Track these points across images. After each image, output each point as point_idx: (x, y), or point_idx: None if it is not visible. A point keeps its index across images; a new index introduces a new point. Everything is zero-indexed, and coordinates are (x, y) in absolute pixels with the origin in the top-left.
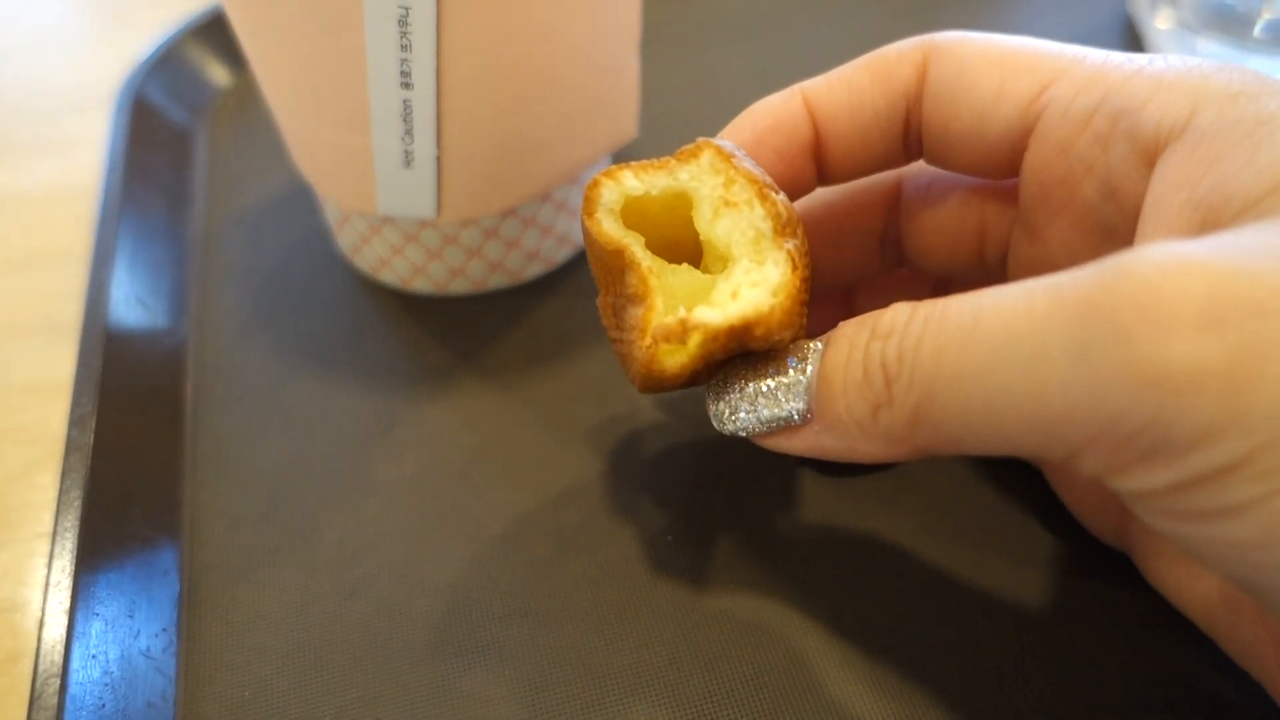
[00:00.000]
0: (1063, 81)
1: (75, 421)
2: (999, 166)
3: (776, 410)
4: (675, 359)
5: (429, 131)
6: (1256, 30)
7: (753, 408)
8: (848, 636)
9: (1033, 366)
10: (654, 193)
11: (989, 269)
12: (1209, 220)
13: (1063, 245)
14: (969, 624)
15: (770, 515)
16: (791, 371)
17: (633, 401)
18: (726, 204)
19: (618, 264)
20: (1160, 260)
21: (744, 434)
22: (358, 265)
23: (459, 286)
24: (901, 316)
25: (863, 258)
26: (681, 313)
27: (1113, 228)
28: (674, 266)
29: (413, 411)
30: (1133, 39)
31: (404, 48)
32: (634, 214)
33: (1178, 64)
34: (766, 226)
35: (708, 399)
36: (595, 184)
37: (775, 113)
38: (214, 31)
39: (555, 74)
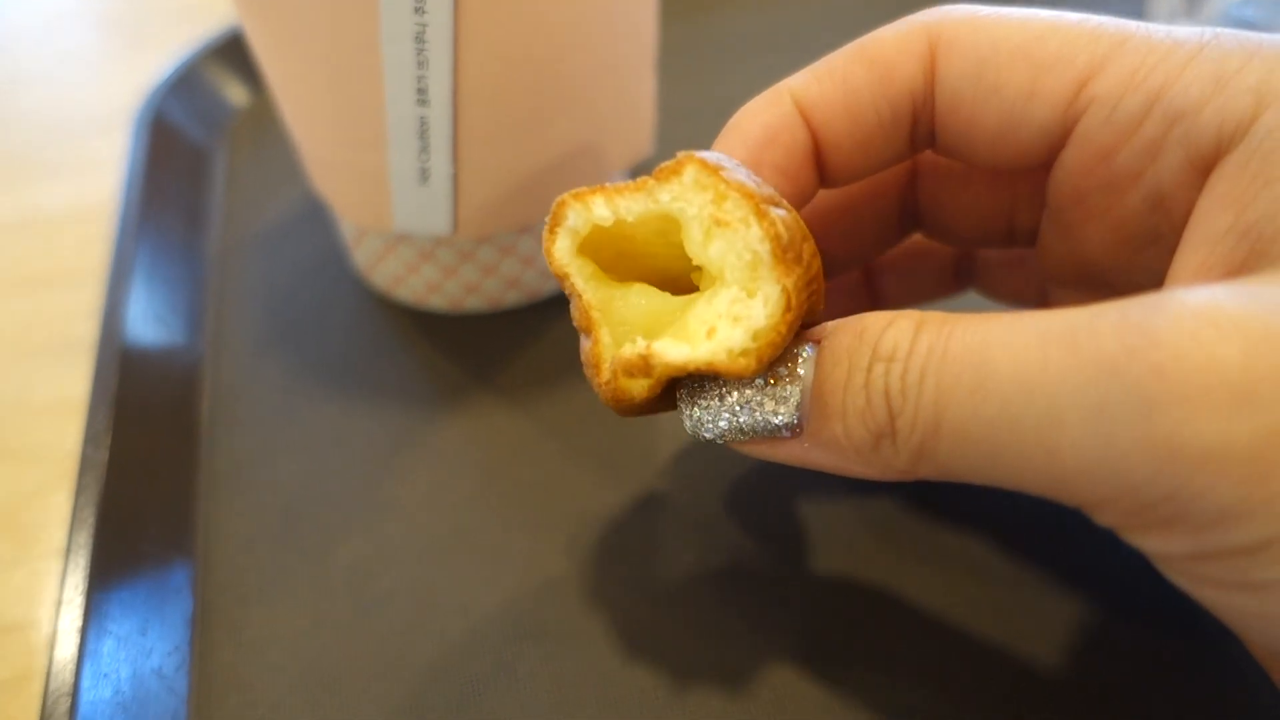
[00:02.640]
0: (1105, 75)
1: (90, 439)
2: (1029, 164)
3: (762, 421)
4: (641, 385)
5: (445, 148)
6: None
7: (734, 417)
8: (865, 657)
9: (1045, 423)
10: (629, 219)
11: (1018, 243)
12: (1255, 252)
13: (1099, 246)
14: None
15: (795, 535)
16: (780, 380)
17: (649, 421)
18: (718, 223)
19: (566, 290)
20: (1191, 326)
21: (721, 442)
22: (373, 283)
23: (475, 304)
24: (905, 339)
25: (878, 236)
26: (641, 344)
27: (1159, 235)
28: (624, 288)
29: (427, 431)
30: None
31: (420, 65)
32: (620, 241)
33: (1238, 47)
34: (765, 250)
35: (681, 402)
36: (561, 202)
37: (767, 123)
38: (232, 51)
39: (571, 90)
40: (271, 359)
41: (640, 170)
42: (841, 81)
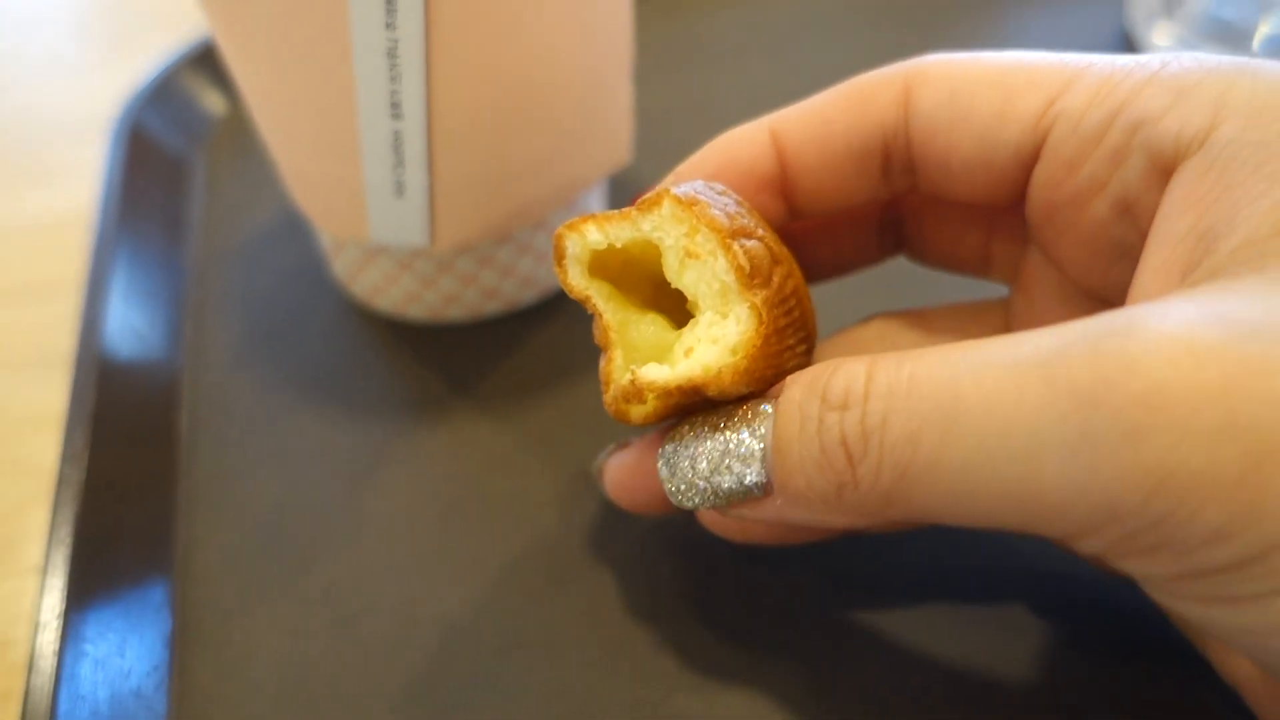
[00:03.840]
0: (1071, 92)
1: (67, 458)
2: (1009, 193)
3: (734, 481)
4: (639, 410)
5: (420, 161)
6: (1255, 45)
7: (708, 482)
8: (847, 661)
9: (1026, 459)
10: (618, 244)
11: (998, 271)
12: (1210, 252)
13: (1073, 263)
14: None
15: (777, 550)
16: (746, 438)
17: (630, 431)
18: (689, 254)
19: (589, 309)
20: (1168, 353)
21: (707, 507)
22: (353, 293)
23: (454, 314)
24: (857, 383)
25: (859, 249)
26: (627, 377)
27: (1128, 246)
28: (641, 315)
29: (407, 442)
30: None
31: (393, 79)
32: (615, 256)
33: (1196, 65)
34: (730, 279)
35: (661, 473)
36: (559, 235)
37: (733, 148)
38: (210, 60)
39: (546, 101)
40: (251, 370)
41: (619, 178)
42: (817, 115)
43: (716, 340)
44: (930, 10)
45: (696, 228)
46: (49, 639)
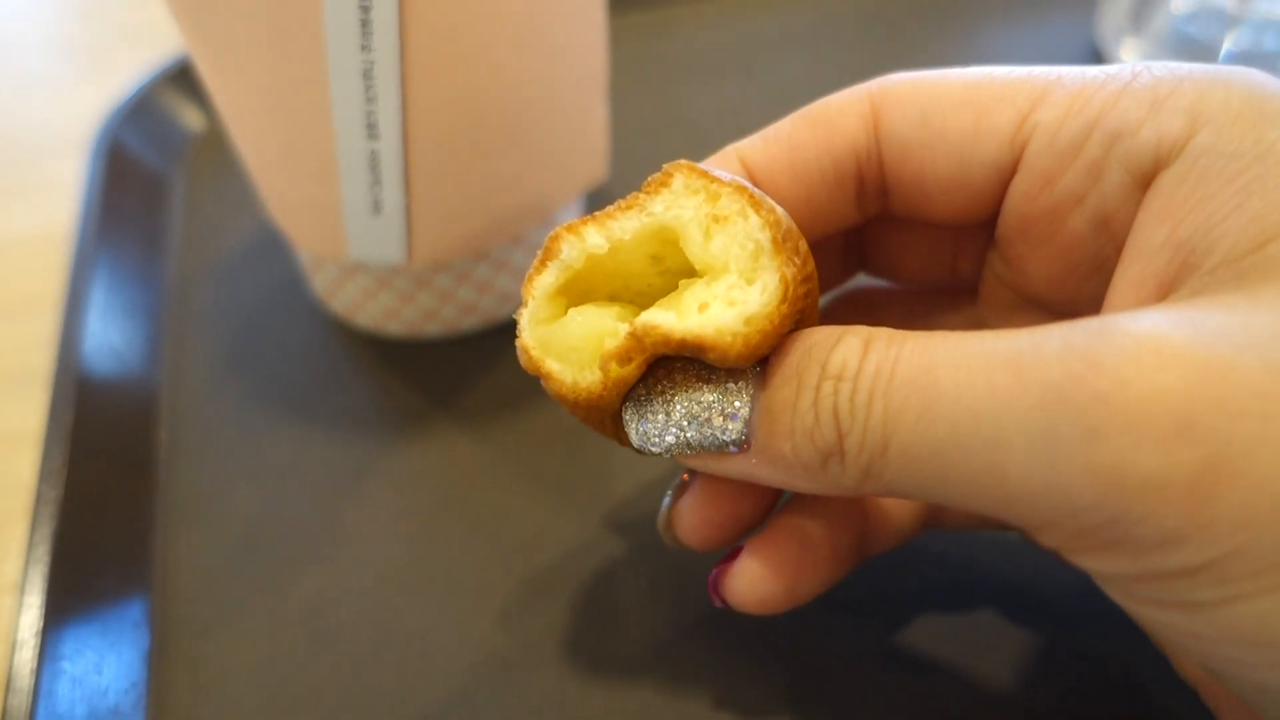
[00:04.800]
0: (1046, 105)
1: (45, 476)
2: (984, 209)
3: (710, 436)
4: (631, 370)
5: (397, 180)
6: (1220, 59)
7: (681, 432)
8: (833, 685)
9: (992, 448)
10: (626, 238)
11: (962, 282)
12: (1187, 265)
13: (1044, 279)
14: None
15: None
16: (729, 395)
17: (606, 445)
18: (716, 220)
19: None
20: (1134, 353)
21: (668, 455)
22: (332, 309)
23: (433, 330)
24: (854, 357)
25: (823, 273)
26: (625, 327)
27: (1103, 261)
28: (561, 320)
29: (385, 458)
30: None
31: (369, 100)
32: (602, 277)
33: (1169, 74)
34: (765, 237)
35: (626, 414)
36: (554, 237)
37: None
38: (188, 77)
39: (522, 120)
40: (230, 387)
41: (595, 195)
42: (786, 142)
43: (734, 303)
44: (901, 29)
45: (718, 192)
46: (26, 657)
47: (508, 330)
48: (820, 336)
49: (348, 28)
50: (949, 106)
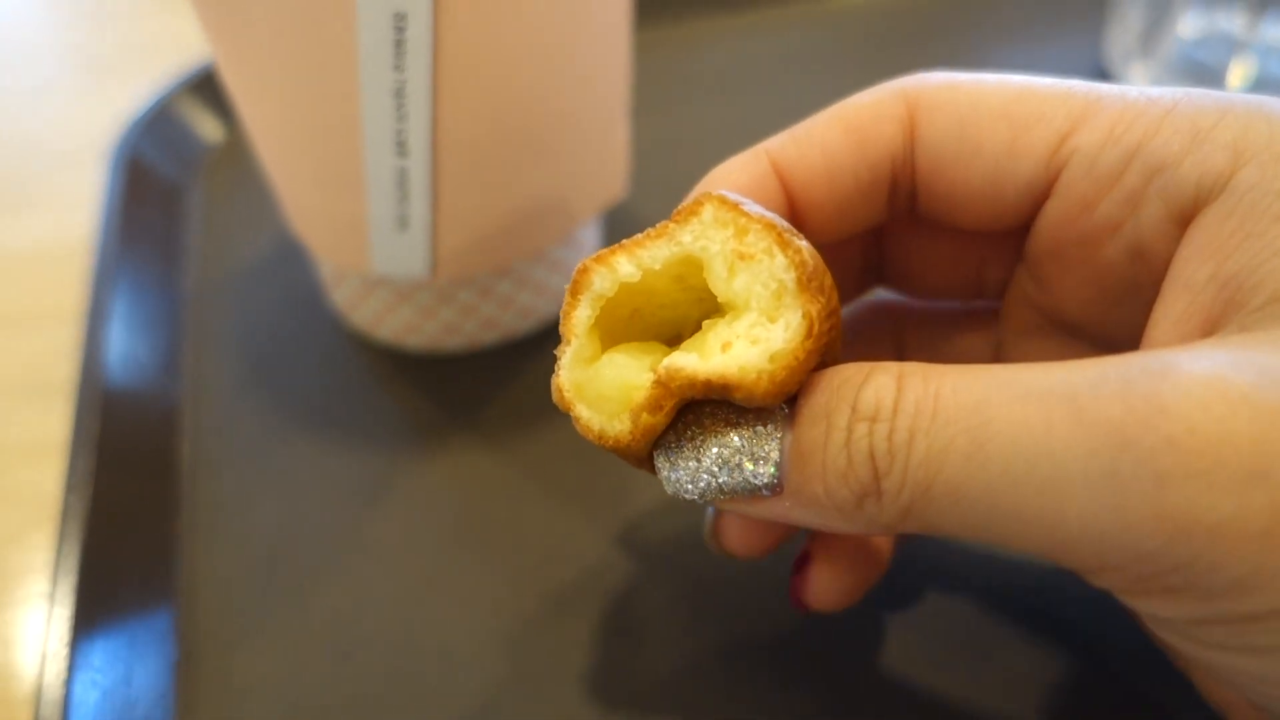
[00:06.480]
0: (1085, 130)
1: (71, 486)
2: (1014, 223)
3: (741, 480)
4: (645, 422)
5: (424, 197)
6: (1228, 84)
7: (713, 477)
8: (854, 702)
9: (1050, 491)
10: (656, 267)
11: (986, 295)
12: (1234, 303)
13: (1075, 299)
14: None
15: (774, 578)
16: (759, 438)
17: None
18: (741, 256)
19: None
20: (1201, 397)
21: (702, 501)
22: (352, 323)
23: (453, 344)
24: (888, 397)
25: (841, 287)
26: (648, 375)
27: (1137, 288)
28: (594, 365)
29: (406, 472)
30: None
31: (400, 118)
32: (636, 297)
33: (1212, 104)
34: (790, 278)
35: (657, 461)
36: (584, 270)
37: (742, 183)
38: (207, 87)
39: (548, 139)
40: (251, 399)
41: (614, 213)
42: (820, 146)
43: (757, 341)
44: (910, 43)
45: (746, 227)
46: (56, 669)
47: (528, 346)
48: (848, 374)
49: (382, 47)
50: (987, 119)
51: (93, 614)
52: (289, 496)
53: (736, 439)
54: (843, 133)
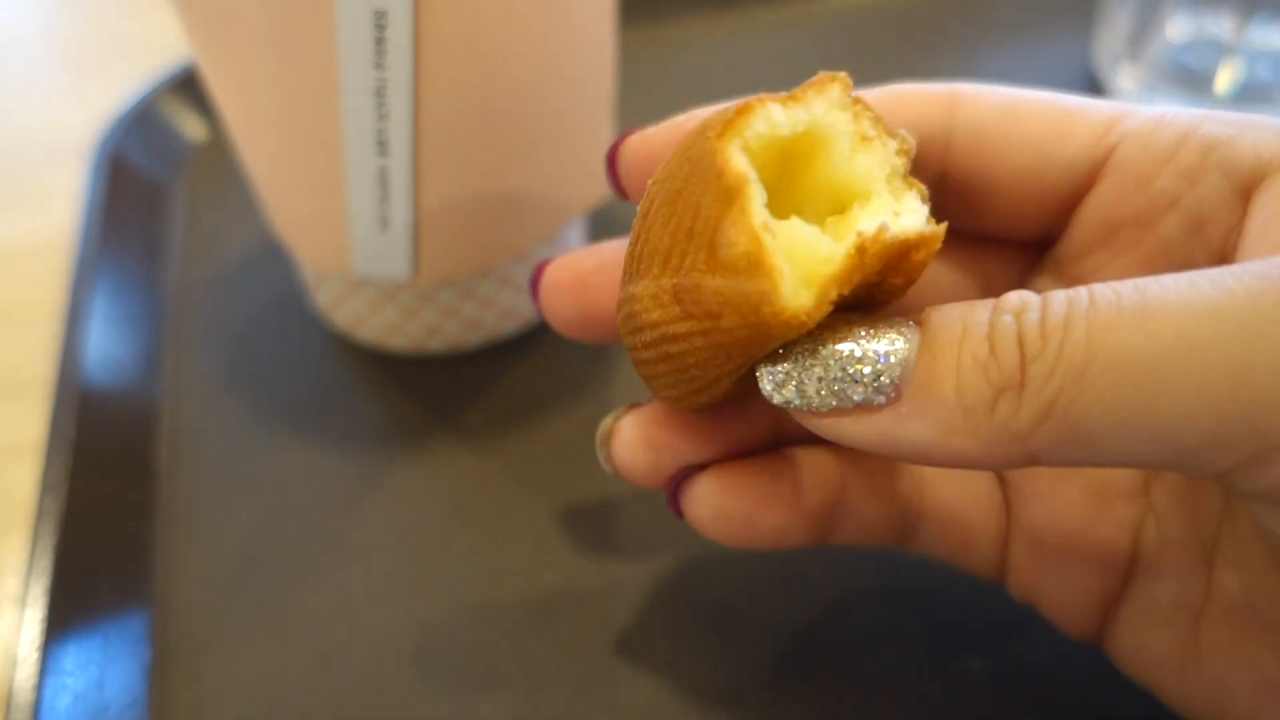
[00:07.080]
0: (1132, 118)
1: (47, 488)
2: (1039, 219)
3: (858, 379)
4: (822, 301)
5: (405, 196)
6: (1215, 88)
7: (826, 371)
8: (838, 707)
9: (1238, 343)
10: (799, 130)
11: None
12: None
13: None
14: None
15: (755, 578)
16: (879, 336)
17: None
18: (863, 139)
19: (713, 213)
20: None
21: (800, 407)
22: (334, 323)
23: (436, 345)
24: (1032, 296)
25: None
26: (852, 239)
27: (1193, 265)
28: (783, 223)
29: (387, 473)
30: (1097, 97)
31: (381, 118)
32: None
33: (1246, 117)
34: (900, 163)
35: (763, 363)
36: (747, 108)
37: None
38: (191, 86)
39: (530, 141)
40: (231, 400)
41: (597, 215)
42: None
43: (914, 211)
44: (897, 46)
45: (861, 114)
46: (27, 673)
47: (511, 347)
48: (973, 301)
49: (362, 46)
50: (1035, 106)
51: (66, 616)
52: (268, 498)
53: (854, 341)
54: (879, 106)
